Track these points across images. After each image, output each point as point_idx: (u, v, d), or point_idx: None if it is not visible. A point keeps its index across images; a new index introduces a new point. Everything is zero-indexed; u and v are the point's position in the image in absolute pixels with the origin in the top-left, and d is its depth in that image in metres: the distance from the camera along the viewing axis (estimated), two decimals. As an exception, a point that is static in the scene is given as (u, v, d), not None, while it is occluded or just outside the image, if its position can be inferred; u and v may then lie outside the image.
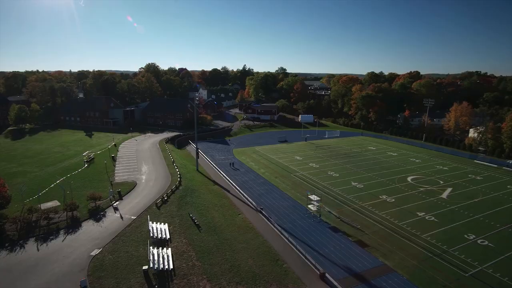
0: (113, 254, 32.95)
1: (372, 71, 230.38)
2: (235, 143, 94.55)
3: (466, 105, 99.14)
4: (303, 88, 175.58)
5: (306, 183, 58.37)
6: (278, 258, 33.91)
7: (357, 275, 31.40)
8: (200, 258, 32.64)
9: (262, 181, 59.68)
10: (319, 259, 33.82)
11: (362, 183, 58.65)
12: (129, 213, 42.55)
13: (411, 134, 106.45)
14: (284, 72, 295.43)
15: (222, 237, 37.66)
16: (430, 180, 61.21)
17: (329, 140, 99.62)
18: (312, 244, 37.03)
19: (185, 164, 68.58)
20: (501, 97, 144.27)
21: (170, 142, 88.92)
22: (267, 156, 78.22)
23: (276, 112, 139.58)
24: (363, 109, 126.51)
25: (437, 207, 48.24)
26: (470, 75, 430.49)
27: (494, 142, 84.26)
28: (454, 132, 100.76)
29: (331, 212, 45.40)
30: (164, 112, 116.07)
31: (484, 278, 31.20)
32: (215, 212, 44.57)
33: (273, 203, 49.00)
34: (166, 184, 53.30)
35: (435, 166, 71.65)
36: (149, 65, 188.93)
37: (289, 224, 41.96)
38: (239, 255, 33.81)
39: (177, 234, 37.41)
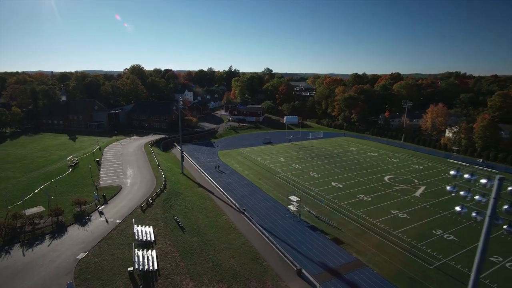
0: (98, 257, 34.03)
1: (356, 72, 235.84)
2: (220, 145, 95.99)
3: (441, 107, 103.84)
4: (288, 89, 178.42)
5: (288, 184, 60.53)
6: (258, 256, 35.80)
7: (331, 270, 33.63)
8: (184, 259, 34.14)
9: (245, 182, 61.48)
10: (297, 256, 35.91)
11: (341, 183, 61.28)
12: (115, 216, 43.52)
13: (391, 134, 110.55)
14: (270, 73, 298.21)
15: (206, 238, 39.26)
16: (406, 179, 64.47)
17: (313, 141, 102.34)
18: (291, 242, 39.11)
19: (170, 167, 69.63)
20: (476, 98, 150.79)
21: (155, 145, 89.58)
22: (252, 158, 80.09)
23: (261, 114, 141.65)
24: (346, 110, 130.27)
25: (410, 205, 51.23)
26: (449, 75, 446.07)
27: (467, 142, 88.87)
28: (431, 132, 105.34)
29: (311, 212, 47.63)
30: (149, 115, 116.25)
31: (446, 270, 33.98)
32: (199, 214, 46.07)
33: (256, 204, 50.88)
34: (151, 188, 54.36)
35: (411, 165, 75.20)
36: (134, 66, 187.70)
37: (270, 224, 43.93)
38: (221, 255, 35.51)
39: (162, 236, 38.74)
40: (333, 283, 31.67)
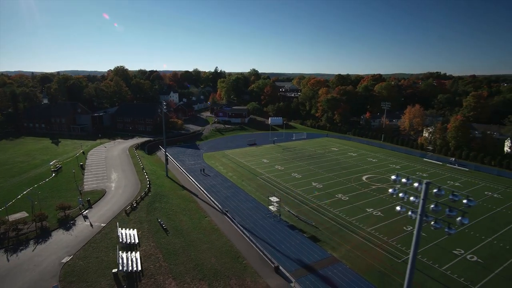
0: (83, 260, 35.07)
1: (340, 73, 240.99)
2: (205, 147, 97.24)
3: (418, 108, 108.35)
4: (273, 90, 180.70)
5: (270, 185, 62.56)
6: (239, 255, 37.61)
7: (307, 266, 35.79)
8: (167, 259, 35.60)
9: (229, 184, 63.15)
10: (275, 254, 37.92)
11: (321, 183, 63.79)
12: (99, 220, 44.43)
13: (371, 134, 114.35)
14: (256, 73, 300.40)
15: (189, 239, 40.78)
16: (382, 178, 67.57)
17: (296, 142, 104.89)
18: (270, 241, 41.11)
19: (155, 170, 70.54)
20: (452, 98, 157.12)
21: (140, 148, 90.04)
22: (236, 160, 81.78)
23: (246, 115, 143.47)
24: (329, 111, 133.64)
25: (384, 203, 54.10)
26: (430, 75, 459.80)
27: (442, 141, 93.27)
28: (409, 132, 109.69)
29: (291, 212, 49.77)
30: (134, 117, 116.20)
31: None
32: (182, 216, 47.48)
33: (238, 205, 52.65)
34: (135, 191, 55.33)
35: (389, 165, 78.60)
36: (118, 68, 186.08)
37: (251, 224, 45.80)
38: (203, 255, 37.14)
39: (146, 239, 40.02)
40: (308, 278, 33.82)
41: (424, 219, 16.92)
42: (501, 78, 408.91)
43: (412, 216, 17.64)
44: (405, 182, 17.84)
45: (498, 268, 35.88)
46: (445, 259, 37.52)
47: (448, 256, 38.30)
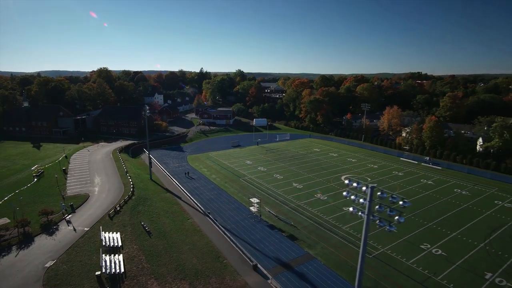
0: (67, 264, 35.93)
1: (323, 74, 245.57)
2: (190, 149, 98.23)
3: (396, 109, 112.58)
4: (258, 92, 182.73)
5: (252, 186, 64.43)
6: (219, 255, 39.30)
7: (284, 264, 37.84)
8: (149, 261, 36.91)
9: (212, 186, 64.65)
10: (254, 253, 39.81)
11: (302, 183, 66.12)
12: (82, 225, 45.14)
13: (353, 135, 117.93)
14: (242, 74, 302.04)
15: (171, 241, 42.13)
16: (360, 178, 70.52)
17: (279, 144, 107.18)
18: (250, 241, 42.97)
19: (139, 173, 71.23)
20: (430, 99, 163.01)
21: (124, 151, 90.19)
22: (220, 162, 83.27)
23: (231, 117, 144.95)
24: (312, 112, 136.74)
25: (361, 201, 56.78)
26: (412, 75, 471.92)
27: (418, 141, 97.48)
28: (388, 132, 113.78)
29: (271, 212, 51.78)
30: (118, 120, 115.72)
31: (383, 258, 39.31)
32: (165, 219, 48.72)
33: (221, 207, 54.28)
34: (119, 195, 56.06)
35: (367, 164, 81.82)
36: (101, 70, 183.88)
37: (232, 225, 47.55)
38: (185, 256, 38.63)
39: (129, 241, 41.12)
40: (284, 275, 35.85)
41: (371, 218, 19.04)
42: (479, 78, 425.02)
43: (362, 216, 19.76)
44: (355, 186, 19.93)
45: (459, 260, 38.89)
46: (413, 253, 40.30)
47: (415, 250, 41.12)
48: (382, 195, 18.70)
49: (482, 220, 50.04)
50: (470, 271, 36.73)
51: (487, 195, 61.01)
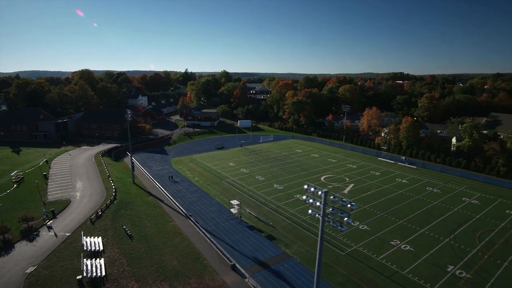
0: (48, 269, 36.51)
1: (307, 75, 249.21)
2: (173, 152, 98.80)
3: (375, 110, 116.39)
4: (242, 93, 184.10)
5: (234, 188, 65.97)
6: (199, 256, 40.70)
7: (262, 263, 39.61)
8: (130, 264, 37.93)
9: (195, 189, 65.80)
10: (233, 253, 41.42)
11: (282, 184, 68.14)
12: (64, 230, 45.56)
13: (334, 135, 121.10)
14: (227, 75, 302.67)
15: (152, 243, 43.20)
16: (339, 178, 73.18)
17: (263, 145, 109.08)
18: (230, 241, 44.54)
19: (122, 177, 71.55)
20: (409, 99, 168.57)
21: (106, 154, 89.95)
22: (203, 164, 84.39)
23: (216, 118, 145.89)
24: (295, 114, 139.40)
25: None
26: (394, 75, 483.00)
27: (395, 141, 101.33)
28: (368, 133, 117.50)
29: (251, 213, 53.48)
30: (100, 123, 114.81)
31: (355, 255, 41.64)
32: (147, 222, 49.66)
33: (202, 209, 55.59)
34: (101, 199, 56.50)
35: (346, 165, 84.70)
36: (83, 71, 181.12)
37: (213, 227, 48.98)
38: (166, 258, 39.84)
39: (110, 245, 41.94)
40: (261, 273, 37.61)
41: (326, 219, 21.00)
42: (458, 78, 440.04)
43: (319, 218, 21.66)
44: (312, 191, 21.84)
45: (425, 255, 41.63)
46: (383, 250, 42.83)
47: (386, 246, 43.67)
48: (334, 198, 20.59)
49: (449, 217, 53.27)
50: (434, 264, 39.48)
51: (456, 193, 64.66)
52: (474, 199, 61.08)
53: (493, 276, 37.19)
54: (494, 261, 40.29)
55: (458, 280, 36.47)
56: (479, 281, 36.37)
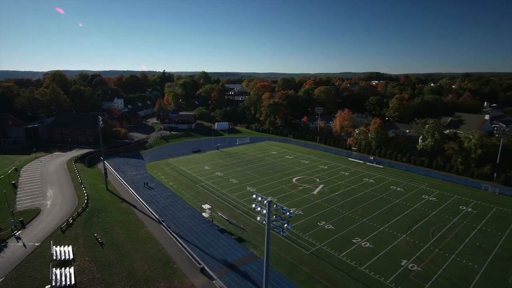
0: (16, 280, 36.76)
1: (285, 77, 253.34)
2: (149, 156, 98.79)
3: (347, 111, 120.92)
4: (220, 95, 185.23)
5: (208, 192, 67.47)
6: (170, 261, 42.06)
7: (230, 265, 41.50)
8: (100, 271, 38.78)
9: (168, 194, 66.73)
10: (203, 256, 43.06)
11: (255, 187, 70.25)
12: (33, 240, 45.54)
13: (309, 136, 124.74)
14: (205, 76, 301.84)
15: (124, 250, 44.09)
16: (310, 179, 76.20)
17: (239, 147, 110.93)
18: (200, 245, 46.14)
19: (95, 183, 71.33)
20: (381, 100, 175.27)
21: (79, 160, 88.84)
22: (178, 168, 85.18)
23: (193, 121, 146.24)
24: (271, 115, 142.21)
25: (307, 202, 62.12)
26: (370, 75, 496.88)
27: (365, 142, 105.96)
28: (340, 134, 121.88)
29: (223, 216, 55.24)
30: (73, 128, 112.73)
31: (319, 253, 44.31)
32: (119, 229, 50.34)
33: (175, 214, 56.78)
34: (72, 207, 56.46)
35: (318, 166, 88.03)
36: (55, 74, 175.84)
37: (185, 231, 50.37)
38: (136, 263, 40.93)
39: (81, 254, 42.49)
40: (229, 275, 39.50)
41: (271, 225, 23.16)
42: (430, 77, 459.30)
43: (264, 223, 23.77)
44: (260, 200, 23.95)
45: (382, 251, 44.91)
46: (345, 247, 45.76)
47: (347, 244, 46.64)
48: (276, 207, 22.73)
49: (408, 214, 57.21)
50: (390, 259, 42.76)
51: (417, 191, 69.12)
52: (433, 197, 65.63)
53: (440, 268, 40.87)
54: (443, 254, 44.12)
55: (410, 273, 39.84)
56: (428, 273, 39.89)
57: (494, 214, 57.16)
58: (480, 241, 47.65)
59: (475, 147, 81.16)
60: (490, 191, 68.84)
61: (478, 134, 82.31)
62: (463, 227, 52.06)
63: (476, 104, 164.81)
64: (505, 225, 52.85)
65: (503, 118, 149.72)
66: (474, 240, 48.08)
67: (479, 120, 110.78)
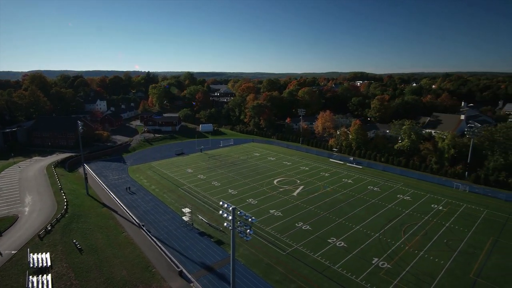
0: (-9, 289, 36.73)
1: (270, 78, 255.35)
2: (131, 160, 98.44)
3: (328, 113, 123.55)
4: (205, 96, 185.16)
5: (190, 195, 68.18)
6: (149, 265, 42.74)
7: (208, 267, 42.55)
8: (78, 277, 39.13)
9: (150, 198, 67.08)
10: (182, 260, 43.94)
11: (236, 189, 71.41)
12: (10, 248, 45.24)
13: (292, 138, 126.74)
14: (191, 77, 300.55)
15: (103, 255, 44.45)
16: (291, 180, 77.92)
17: (222, 149, 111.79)
18: (180, 249, 46.99)
19: (75, 189, 70.89)
20: (363, 101, 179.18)
21: (60, 165, 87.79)
22: (161, 172, 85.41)
23: (177, 123, 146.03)
24: (255, 117, 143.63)
25: (286, 203, 63.71)
26: (355, 75, 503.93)
27: (346, 143, 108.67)
28: (323, 135, 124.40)
29: (203, 219, 56.16)
30: (54, 131, 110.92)
31: (295, 254, 45.86)
32: (99, 234, 50.55)
33: (156, 218, 57.32)
34: (51, 214, 56.14)
35: (300, 167, 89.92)
36: (34, 75, 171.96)
37: (165, 235, 51.07)
38: (115, 269, 41.43)
39: (59, 260, 42.61)
40: (207, 277, 40.56)
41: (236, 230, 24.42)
42: (412, 77, 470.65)
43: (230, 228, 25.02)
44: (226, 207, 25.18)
45: (356, 250, 46.86)
46: (320, 247, 47.49)
47: (323, 244, 48.40)
48: (241, 213, 24.01)
49: (383, 213, 59.56)
50: (362, 258, 44.73)
51: (393, 190, 71.80)
52: (407, 196, 68.39)
53: (409, 265, 43.10)
54: (412, 251, 46.44)
55: (380, 271, 41.86)
56: (397, 270, 42.02)
57: (462, 212, 60.22)
58: (447, 238, 50.30)
59: (448, 147, 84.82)
60: (461, 189, 72.23)
61: (450, 134, 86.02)
62: (433, 225, 54.71)
63: (454, 104, 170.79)
64: (472, 222, 55.87)
65: (478, 117, 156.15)
66: (442, 237, 50.70)
67: (456, 120, 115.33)
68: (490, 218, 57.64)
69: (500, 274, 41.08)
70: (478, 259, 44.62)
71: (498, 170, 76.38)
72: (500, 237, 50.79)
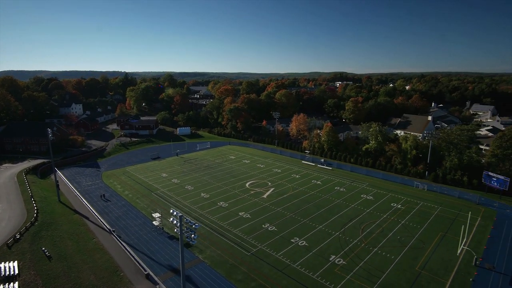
0: (-43, 299, 37.44)
1: (249, 80, 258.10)
2: (106, 165, 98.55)
3: (302, 116, 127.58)
4: (183, 99, 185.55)
5: (162, 200, 69.79)
6: (118, 269, 44.40)
7: (174, 269, 44.65)
8: (46, 284, 40.36)
9: (123, 203, 68.20)
10: (150, 263, 45.85)
11: (209, 193, 73.58)
12: (-24, 257, 45.70)
13: (268, 140, 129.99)
14: (170, 78, 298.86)
15: (72, 262, 45.68)
16: (262, 183, 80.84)
17: (199, 153, 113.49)
18: (148, 252, 48.83)
19: (46, 196, 70.94)
20: (339, 103, 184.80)
21: (31, 172, 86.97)
22: (135, 177, 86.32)
23: (155, 126, 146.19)
24: (233, 120, 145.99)
25: (256, 206, 66.51)
26: (335, 75, 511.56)
27: (319, 144, 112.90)
28: (297, 137, 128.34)
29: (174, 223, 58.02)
30: (25, 137, 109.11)
31: (258, 254, 48.67)
32: (69, 241, 51.57)
33: (127, 223, 58.73)
34: (20, 222, 56.44)
35: (273, 169, 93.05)
36: (4, 79, 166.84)
37: (135, 240, 52.69)
38: (84, 274, 42.86)
39: (27, 268, 43.54)
40: (173, 279, 42.69)
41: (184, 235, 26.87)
42: (390, 78, 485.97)
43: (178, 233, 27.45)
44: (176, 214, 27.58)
45: (316, 248, 50.19)
46: (283, 247, 50.52)
47: (286, 244, 51.47)
48: (187, 220, 26.49)
49: (345, 213, 63.39)
50: (320, 256, 48.07)
51: (358, 190, 76.01)
52: (370, 195, 72.73)
53: (362, 260, 46.80)
54: (368, 248, 50.25)
55: (335, 267, 45.31)
56: (351, 266, 45.59)
57: (418, 210, 64.97)
58: (401, 235, 54.56)
59: (411, 148, 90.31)
60: (420, 188, 77.42)
61: (412, 136, 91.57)
62: (390, 223, 58.97)
63: (424, 105, 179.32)
64: (425, 219, 60.58)
65: (446, 118, 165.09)
66: (396, 234, 54.92)
67: (423, 121, 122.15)
68: (442, 214, 62.61)
69: (442, 267, 45.45)
70: (425, 253, 48.95)
71: (455, 169, 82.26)
72: (448, 232, 55.56)
